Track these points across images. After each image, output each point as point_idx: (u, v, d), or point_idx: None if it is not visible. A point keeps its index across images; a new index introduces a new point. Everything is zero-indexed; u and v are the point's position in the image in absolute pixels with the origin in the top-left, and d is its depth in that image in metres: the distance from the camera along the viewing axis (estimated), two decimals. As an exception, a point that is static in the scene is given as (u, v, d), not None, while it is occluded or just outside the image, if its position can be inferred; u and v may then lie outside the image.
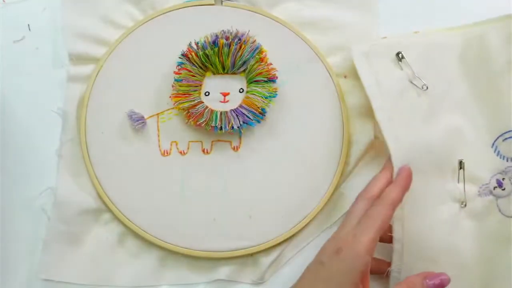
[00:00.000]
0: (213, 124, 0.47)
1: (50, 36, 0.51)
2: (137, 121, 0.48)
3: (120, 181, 0.47)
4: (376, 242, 0.38)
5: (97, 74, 0.49)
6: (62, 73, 0.50)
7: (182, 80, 0.47)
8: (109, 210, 0.47)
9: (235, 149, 0.49)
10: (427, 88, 0.47)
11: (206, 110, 0.47)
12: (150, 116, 0.49)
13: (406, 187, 0.42)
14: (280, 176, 0.48)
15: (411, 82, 0.47)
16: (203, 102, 0.47)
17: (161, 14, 0.51)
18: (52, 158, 0.48)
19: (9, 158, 0.48)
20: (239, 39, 0.48)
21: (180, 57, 0.48)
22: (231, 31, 0.48)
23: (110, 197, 0.47)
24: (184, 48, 0.48)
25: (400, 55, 0.48)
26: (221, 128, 0.47)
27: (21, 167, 0.48)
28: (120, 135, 0.48)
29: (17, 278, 0.46)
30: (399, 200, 0.41)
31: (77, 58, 0.50)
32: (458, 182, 0.45)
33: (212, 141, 0.49)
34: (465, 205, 0.45)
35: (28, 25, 0.52)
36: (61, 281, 0.45)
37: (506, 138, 0.45)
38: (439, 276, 0.39)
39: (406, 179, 0.42)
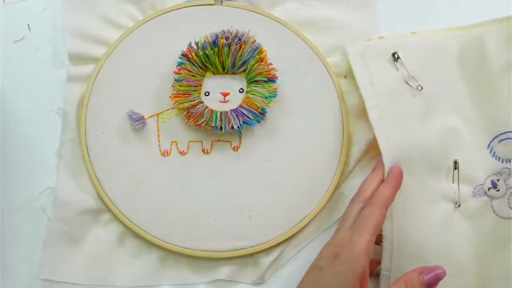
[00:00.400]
0: (213, 124, 0.47)
1: (50, 36, 0.51)
2: (137, 121, 0.48)
3: (120, 181, 0.47)
4: (372, 243, 0.38)
5: (97, 74, 0.49)
6: (62, 73, 0.50)
7: (182, 80, 0.47)
8: (109, 210, 0.47)
9: (235, 149, 0.49)
10: (422, 88, 0.47)
11: (206, 110, 0.47)
12: (150, 116, 0.49)
13: (397, 186, 0.42)
14: (280, 176, 0.48)
15: (407, 83, 0.47)
16: (203, 102, 0.47)
17: (161, 14, 0.51)
18: (52, 158, 0.48)
19: (9, 158, 0.48)
20: (239, 39, 0.48)
21: (180, 57, 0.48)
22: (231, 31, 0.48)
23: (110, 197, 0.47)
24: (184, 48, 0.48)
25: (396, 56, 0.48)
26: (221, 128, 0.47)
27: (21, 167, 0.48)
28: (120, 135, 0.48)
29: (17, 278, 0.46)
30: (391, 198, 0.41)
31: (77, 58, 0.50)
32: (453, 182, 0.45)
33: (212, 141, 0.49)
34: (459, 205, 0.45)
35: (28, 25, 0.52)
36: (61, 281, 0.45)
37: (502, 140, 0.45)
38: (434, 270, 0.39)
39: (396, 178, 0.43)
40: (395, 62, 0.48)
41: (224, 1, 0.52)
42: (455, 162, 0.45)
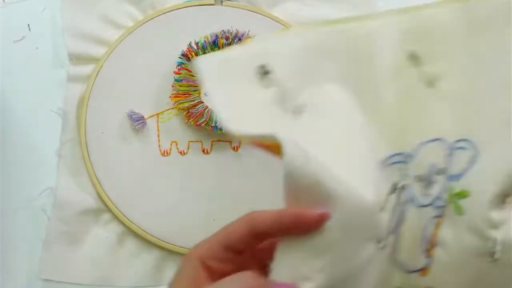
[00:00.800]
0: (213, 124, 0.47)
1: (50, 36, 0.51)
2: (137, 121, 0.48)
3: (120, 181, 0.47)
4: (214, 250, 0.33)
5: (97, 74, 0.49)
6: (62, 73, 0.50)
7: (182, 80, 0.47)
8: (109, 210, 0.47)
9: (235, 149, 0.49)
10: (300, 111, 0.32)
11: (206, 110, 0.47)
12: (150, 116, 0.49)
13: (282, 222, 0.32)
14: (280, 176, 0.48)
15: (281, 104, 0.32)
16: (203, 102, 0.47)
17: (161, 14, 0.51)
18: (52, 158, 0.48)
19: (9, 158, 0.48)
20: (239, 39, 0.48)
21: (180, 57, 0.48)
22: (231, 31, 0.48)
23: (110, 197, 0.47)
24: (184, 48, 0.48)
25: (265, 69, 0.31)
26: (221, 128, 0.47)
27: (21, 167, 0.48)
28: (120, 135, 0.48)
29: (17, 278, 0.46)
30: (261, 225, 0.33)
31: (77, 58, 0.50)
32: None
33: (212, 141, 0.49)
34: (384, 246, 0.31)
35: (28, 25, 0.51)
36: (61, 281, 0.45)
37: (393, 162, 0.32)
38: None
39: (289, 215, 0.32)
40: (264, 78, 0.31)
41: (224, 1, 0.52)
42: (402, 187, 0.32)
